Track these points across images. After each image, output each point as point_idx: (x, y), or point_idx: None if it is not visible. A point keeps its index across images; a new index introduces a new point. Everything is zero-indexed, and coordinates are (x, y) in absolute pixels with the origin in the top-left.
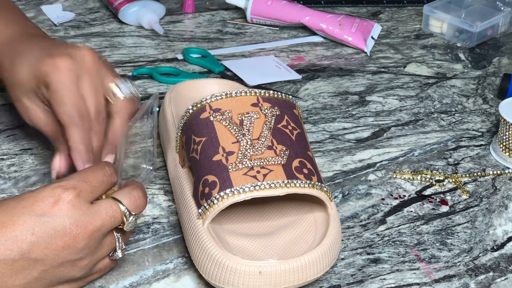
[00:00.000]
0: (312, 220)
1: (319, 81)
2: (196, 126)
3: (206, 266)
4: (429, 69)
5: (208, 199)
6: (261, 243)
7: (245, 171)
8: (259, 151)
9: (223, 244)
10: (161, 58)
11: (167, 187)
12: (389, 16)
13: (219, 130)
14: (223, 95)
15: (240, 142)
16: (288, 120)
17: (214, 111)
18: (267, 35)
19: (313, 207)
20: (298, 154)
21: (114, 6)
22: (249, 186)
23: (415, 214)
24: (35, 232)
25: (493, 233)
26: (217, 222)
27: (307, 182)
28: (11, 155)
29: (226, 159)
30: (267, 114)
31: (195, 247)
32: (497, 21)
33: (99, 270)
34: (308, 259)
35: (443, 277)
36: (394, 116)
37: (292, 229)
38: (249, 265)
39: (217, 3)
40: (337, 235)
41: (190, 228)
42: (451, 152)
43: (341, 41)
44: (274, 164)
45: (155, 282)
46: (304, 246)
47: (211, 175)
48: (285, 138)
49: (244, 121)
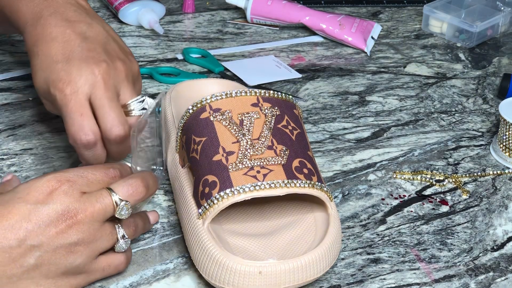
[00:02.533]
0: (312, 220)
1: (319, 81)
2: (196, 126)
3: (206, 266)
4: (429, 69)
5: (208, 199)
6: (261, 243)
7: (245, 171)
8: (259, 151)
9: (223, 244)
10: (161, 58)
11: (167, 187)
12: (389, 16)
13: (219, 130)
14: (223, 95)
15: (240, 142)
16: (288, 120)
17: (214, 111)
18: (267, 35)
19: (313, 207)
20: (298, 154)
21: (114, 6)
22: (249, 186)
23: (415, 214)
24: (31, 219)
25: (493, 233)
26: (217, 222)
27: (307, 182)
28: (11, 155)
29: (226, 159)
30: (267, 114)
31: (195, 247)
32: (497, 21)
33: (103, 268)
34: (308, 259)
35: (443, 277)
36: (394, 116)
37: (292, 229)
38: (249, 265)
39: (217, 3)
40: (337, 235)
41: (190, 228)
42: (451, 152)
43: (341, 41)
44: (274, 164)
45: (155, 282)
46: (304, 246)
47: (211, 175)
48: (285, 138)
49: (244, 121)
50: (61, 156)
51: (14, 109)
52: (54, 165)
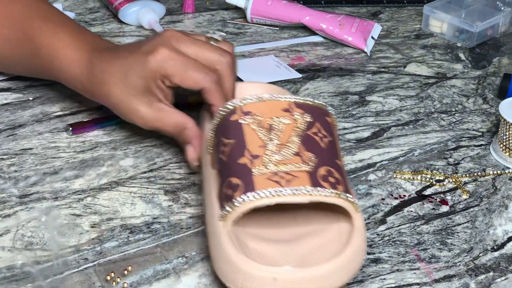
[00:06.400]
0: (336, 230)
1: (319, 81)
2: (226, 128)
3: (223, 268)
4: (429, 69)
5: (230, 201)
6: (281, 249)
7: (269, 175)
8: (286, 157)
9: (243, 248)
10: None
11: (167, 187)
12: (389, 16)
13: (247, 133)
14: (254, 99)
15: (267, 147)
16: (319, 127)
17: (245, 114)
18: (267, 35)
19: (339, 217)
20: (326, 162)
21: (114, 6)
22: (272, 191)
23: (415, 214)
24: None
25: (493, 233)
26: (240, 225)
27: (332, 191)
28: (11, 155)
29: (251, 162)
30: (298, 120)
31: (214, 248)
32: (497, 21)
33: None
34: (325, 269)
35: (443, 277)
36: (394, 116)
37: (314, 238)
38: (264, 271)
39: (217, 3)
40: (359, 247)
41: (211, 229)
42: (451, 152)
43: (341, 41)
44: (299, 170)
45: (155, 282)
46: (324, 256)
47: (235, 178)
48: (314, 145)
49: (274, 126)
50: (61, 156)
51: (14, 109)
52: (54, 165)
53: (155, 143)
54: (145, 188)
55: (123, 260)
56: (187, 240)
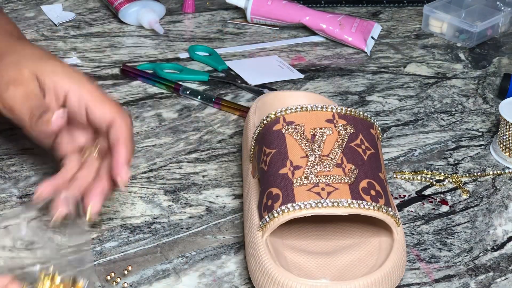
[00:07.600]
0: (376, 244)
1: (319, 81)
2: (268, 137)
3: (259, 278)
4: (429, 69)
5: (270, 212)
6: (319, 262)
7: (310, 187)
8: (327, 168)
9: (280, 259)
10: (161, 58)
11: (167, 187)
12: (389, 16)
13: (289, 143)
14: (298, 109)
15: (309, 157)
16: (363, 139)
17: (287, 123)
18: (267, 35)
19: (380, 231)
20: (367, 174)
21: (114, 6)
22: (312, 202)
23: (415, 214)
24: None
25: (493, 233)
26: (279, 236)
27: (372, 204)
28: (11, 155)
29: (292, 173)
30: (341, 131)
31: (252, 258)
32: (497, 21)
33: None
34: (362, 283)
35: (443, 277)
36: (394, 116)
37: (353, 251)
38: (300, 282)
39: (217, 3)
40: (398, 262)
41: (250, 239)
42: (451, 152)
43: (341, 41)
44: (340, 182)
45: (155, 282)
46: (362, 270)
47: (275, 188)
48: (356, 157)
49: (316, 137)
50: None
51: None
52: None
53: (155, 143)
54: (145, 188)
55: (123, 260)
56: (187, 240)
